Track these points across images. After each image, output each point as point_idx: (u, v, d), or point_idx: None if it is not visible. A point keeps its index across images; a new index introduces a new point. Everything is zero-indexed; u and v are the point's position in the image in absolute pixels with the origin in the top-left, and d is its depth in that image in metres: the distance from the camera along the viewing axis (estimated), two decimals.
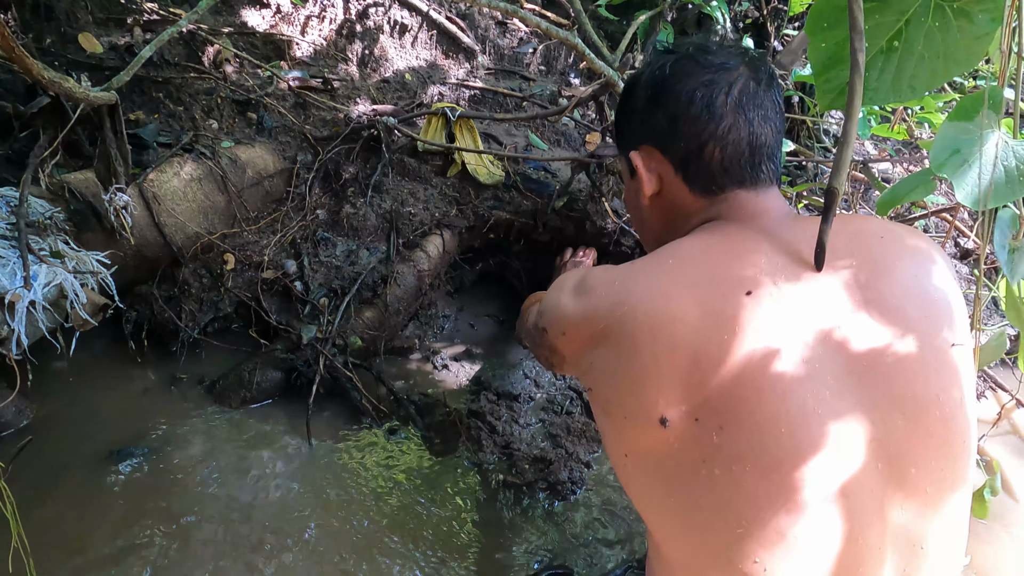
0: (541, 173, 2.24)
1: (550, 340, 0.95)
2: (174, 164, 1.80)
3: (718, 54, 0.92)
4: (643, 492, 0.86)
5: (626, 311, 0.81)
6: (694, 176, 0.93)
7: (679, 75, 0.92)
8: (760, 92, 0.90)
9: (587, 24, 2.15)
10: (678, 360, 0.76)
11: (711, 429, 0.75)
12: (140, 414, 1.65)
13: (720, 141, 0.90)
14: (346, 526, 1.43)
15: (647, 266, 0.86)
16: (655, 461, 0.80)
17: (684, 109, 0.91)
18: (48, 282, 1.41)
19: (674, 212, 0.97)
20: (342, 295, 1.86)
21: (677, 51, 0.95)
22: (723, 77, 0.90)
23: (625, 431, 0.83)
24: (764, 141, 0.91)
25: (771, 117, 0.91)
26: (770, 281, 0.79)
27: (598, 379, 0.85)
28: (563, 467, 1.61)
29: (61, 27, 2.01)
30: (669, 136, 0.93)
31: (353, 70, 2.43)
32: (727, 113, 0.89)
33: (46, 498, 1.39)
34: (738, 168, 0.90)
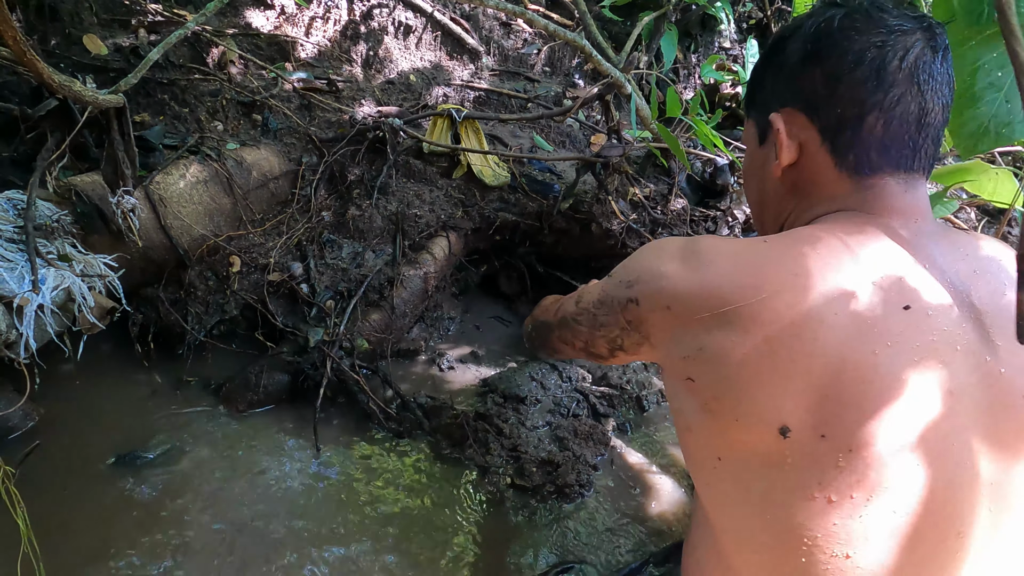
0: (546, 174, 2.23)
1: (639, 314, 0.81)
2: (180, 166, 1.80)
3: (894, 13, 0.80)
4: (728, 500, 0.77)
5: (764, 297, 0.70)
6: (845, 149, 0.81)
7: (848, 30, 0.80)
8: (936, 63, 0.79)
9: (592, 25, 2.15)
10: (818, 365, 0.67)
11: (838, 451, 0.66)
12: (147, 417, 1.64)
13: (886, 112, 0.78)
14: (353, 529, 1.43)
15: (785, 248, 0.74)
16: (758, 472, 0.72)
17: (849, 70, 0.79)
18: (56, 286, 1.40)
19: (809, 190, 0.86)
20: (348, 297, 1.86)
21: (847, 4, 0.83)
22: (899, 40, 0.78)
23: (729, 433, 0.73)
24: (933, 119, 0.79)
25: (944, 93, 0.80)
26: (927, 297, 0.71)
27: (707, 369, 0.73)
28: (571, 470, 1.61)
29: (66, 28, 2.00)
30: (824, 99, 0.81)
31: (357, 71, 2.43)
32: (899, 81, 0.78)
33: (53, 502, 1.39)
34: (899, 147, 0.79)
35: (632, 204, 2.21)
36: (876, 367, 0.67)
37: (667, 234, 2.18)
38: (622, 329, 0.86)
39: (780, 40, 0.89)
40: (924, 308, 0.70)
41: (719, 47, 3.11)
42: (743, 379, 0.71)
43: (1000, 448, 0.70)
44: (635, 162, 2.30)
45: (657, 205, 2.23)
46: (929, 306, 0.70)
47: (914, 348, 0.68)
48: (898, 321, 0.69)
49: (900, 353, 0.67)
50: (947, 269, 0.74)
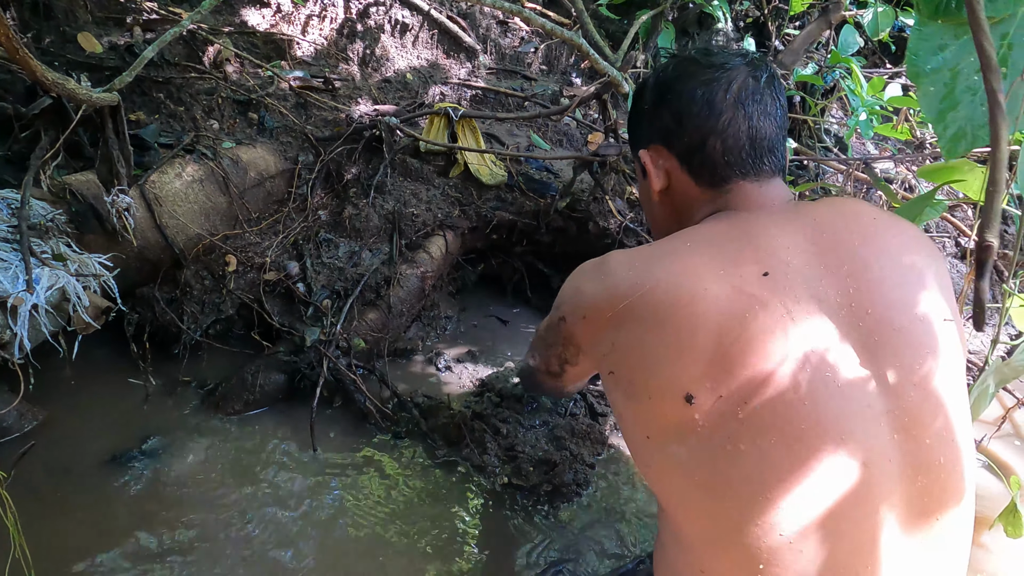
0: (543, 173, 2.23)
1: (568, 328, 0.97)
2: (175, 165, 1.79)
3: (719, 55, 0.98)
4: (664, 472, 0.87)
5: (648, 289, 0.83)
6: (699, 169, 0.98)
7: (682, 75, 0.98)
8: (760, 88, 0.95)
9: (589, 24, 2.14)
10: (701, 337, 0.79)
11: (736, 404, 0.77)
12: (142, 418, 1.63)
13: (721, 134, 0.95)
14: (350, 530, 1.43)
15: (666, 247, 0.90)
16: (678, 439, 0.82)
17: (687, 106, 0.96)
18: (51, 285, 1.39)
19: (683, 205, 1.02)
20: (345, 297, 1.85)
21: (680, 55, 1.02)
22: (723, 75, 0.95)
23: (648, 411, 0.84)
24: (765, 134, 0.95)
25: (771, 112, 0.96)
26: (783, 262, 0.83)
27: (620, 360, 0.87)
28: (567, 469, 1.60)
29: (60, 26, 1.99)
30: (675, 133, 0.98)
31: (354, 70, 2.42)
32: (726, 108, 0.94)
33: (47, 503, 1.38)
34: (740, 160, 0.95)
35: (629, 203, 2.21)
36: (749, 327, 0.78)
37: None
38: (563, 345, 1.02)
39: (639, 91, 1.08)
40: (782, 272, 0.82)
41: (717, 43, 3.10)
42: (647, 360, 0.83)
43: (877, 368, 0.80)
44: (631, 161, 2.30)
45: None
46: (786, 269, 0.83)
47: (780, 304, 0.80)
48: (761, 286, 0.81)
49: (769, 312, 0.79)
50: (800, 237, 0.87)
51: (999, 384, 1.23)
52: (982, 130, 0.88)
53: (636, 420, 0.88)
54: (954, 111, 0.91)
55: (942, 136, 0.92)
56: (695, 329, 0.79)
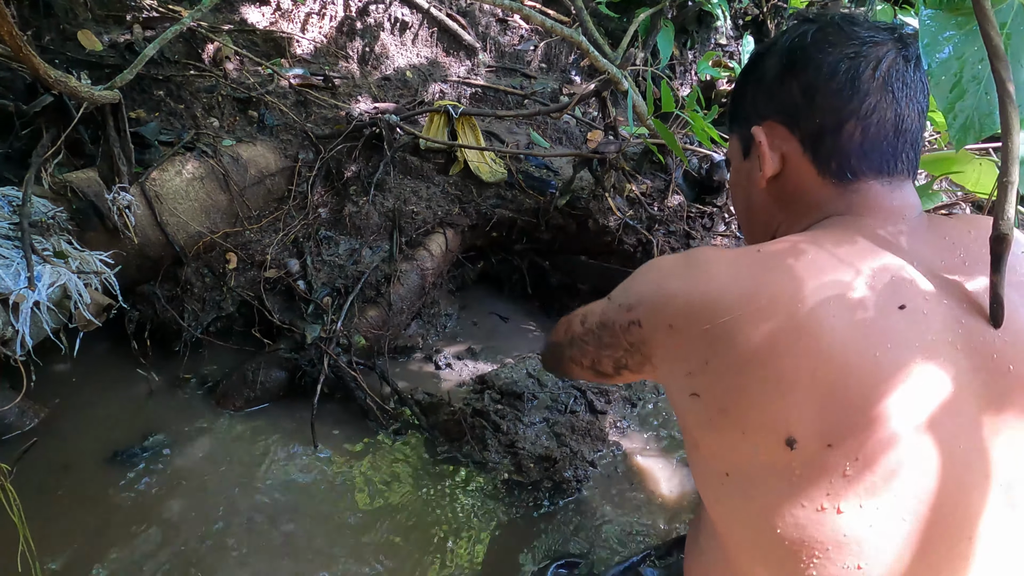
0: (543, 171, 2.24)
1: (642, 335, 0.82)
2: (176, 163, 1.79)
3: (866, 26, 0.84)
4: (736, 516, 0.76)
5: (764, 305, 0.69)
6: (827, 157, 0.83)
7: (821, 44, 0.83)
8: (909, 71, 0.82)
9: (588, 21, 2.14)
10: (822, 373, 0.66)
11: (845, 459, 0.65)
12: (143, 415, 1.64)
13: (863, 120, 0.81)
14: (351, 526, 1.43)
15: (780, 254, 0.74)
16: (764, 486, 0.70)
17: (825, 81, 0.82)
18: (52, 282, 1.40)
19: (795, 199, 0.87)
20: (345, 294, 1.86)
21: (819, 20, 0.85)
22: (871, 51, 0.81)
23: (736, 447, 0.72)
24: (910, 125, 0.82)
25: (919, 99, 0.83)
26: (921, 295, 0.71)
27: (712, 384, 0.73)
28: (568, 465, 1.61)
29: (60, 24, 1.99)
30: (803, 110, 0.84)
31: (354, 67, 2.42)
32: (873, 90, 0.80)
33: (50, 500, 1.38)
34: (879, 152, 0.81)
35: (629, 200, 2.21)
36: (879, 370, 0.66)
37: (663, 230, 2.18)
38: (625, 351, 0.86)
39: (758, 57, 0.91)
40: (919, 307, 0.69)
41: (715, 43, 3.11)
42: (747, 390, 0.70)
43: (1010, 445, 0.69)
44: (632, 158, 2.30)
45: (654, 201, 2.23)
46: (924, 305, 0.70)
47: (915, 348, 0.67)
48: (896, 322, 0.68)
49: (901, 354, 0.67)
50: (936, 264, 0.74)
51: None
52: (988, 118, 0.87)
53: (717, 454, 0.75)
54: (961, 100, 0.89)
55: (951, 126, 0.91)
56: (815, 361, 0.66)
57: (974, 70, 0.89)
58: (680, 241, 2.17)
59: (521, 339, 2.18)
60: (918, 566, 0.66)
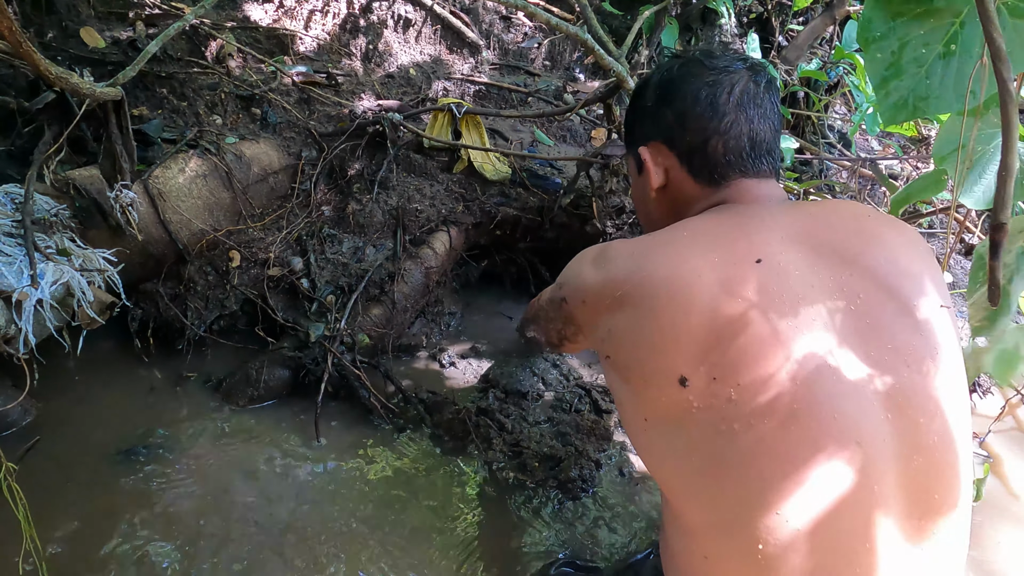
0: (547, 169, 2.23)
1: (569, 309, 1.02)
2: (179, 160, 1.79)
3: (721, 58, 1.01)
4: (663, 457, 0.89)
5: (644, 276, 0.87)
6: (699, 167, 1.00)
7: (686, 76, 1.01)
8: (760, 93, 0.99)
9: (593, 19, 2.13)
10: (695, 320, 0.81)
11: (729, 386, 0.79)
12: (147, 413, 1.63)
13: (723, 135, 0.98)
14: (355, 526, 1.42)
15: (663, 237, 0.93)
16: (675, 423, 0.84)
17: (691, 106, 0.99)
18: (55, 280, 1.39)
19: (680, 202, 1.05)
20: (349, 292, 1.85)
21: (684, 56, 1.04)
22: (726, 78, 0.98)
23: (645, 394, 0.87)
24: (763, 137, 0.99)
25: (769, 116, 0.99)
26: (777, 252, 0.85)
27: (617, 345, 0.90)
28: (573, 465, 1.60)
29: (63, 21, 1.99)
30: (676, 131, 1.01)
31: (357, 65, 2.41)
32: (729, 110, 0.97)
33: (54, 497, 1.38)
34: (740, 160, 0.98)
35: None
36: (743, 312, 0.80)
37: None
38: (563, 322, 1.06)
39: (640, 89, 1.10)
40: (775, 258, 0.84)
41: (719, 41, 3.10)
42: (644, 346, 0.85)
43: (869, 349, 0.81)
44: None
45: None
46: (780, 256, 0.85)
47: (773, 289, 0.81)
48: (754, 271, 0.83)
49: (762, 296, 0.81)
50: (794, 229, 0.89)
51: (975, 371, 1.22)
52: (923, 102, 0.92)
53: (633, 403, 0.90)
54: (898, 79, 0.95)
55: (882, 103, 0.98)
56: (689, 313, 0.81)
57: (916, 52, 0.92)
58: None
59: None
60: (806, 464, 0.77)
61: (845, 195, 2.64)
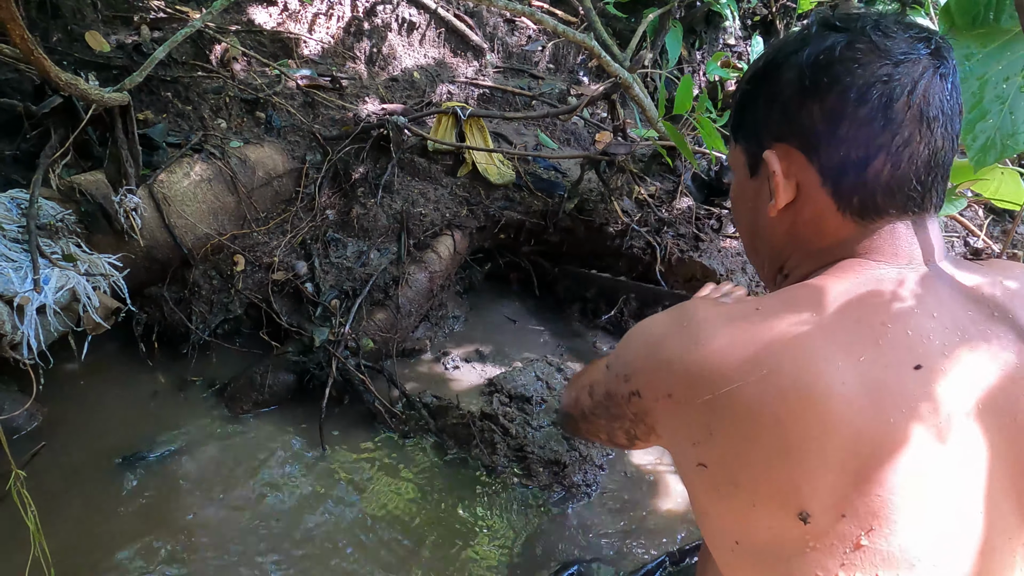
0: (552, 173, 2.22)
1: (643, 405, 0.76)
2: (184, 165, 1.79)
3: (899, 38, 0.71)
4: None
5: (766, 375, 0.65)
6: (849, 193, 0.73)
7: (849, 62, 0.71)
8: (946, 91, 0.72)
9: (597, 23, 2.13)
10: (833, 443, 0.62)
11: (860, 529, 0.63)
12: (151, 417, 1.63)
13: (893, 155, 0.71)
14: (359, 530, 1.42)
15: (785, 313, 0.69)
16: (775, 557, 0.67)
17: (853, 108, 0.71)
18: (61, 286, 1.39)
19: (807, 233, 0.79)
20: (353, 296, 1.85)
21: (849, 28, 0.74)
22: (906, 71, 0.70)
23: (748, 519, 0.68)
24: (943, 159, 0.73)
25: (955, 124, 0.73)
26: (940, 352, 0.66)
27: (719, 455, 0.69)
28: (577, 470, 1.60)
29: (68, 25, 1.99)
30: (825, 138, 0.74)
31: (361, 68, 2.41)
32: (908, 120, 0.70)
33: (58, 502, 1.38)
34: (908, 190, 0.72)
35: (637, 203, 2.20)
36: (893, 437, 0.63)
37: (672, 233, 2.17)
38: (631, 421, 0.81)
39: (773, 66, 0.79)
40: (937, 367, 0.65)
41: (724, 44, 3.09)
42: (756, 461, 0.66)
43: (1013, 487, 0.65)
44: (640, 160, 2.29)
45: (662, 204, 2.22)
46: (943, 363, 0.65)
47: (935, 411, 0.63)
48: (909, 383, 0.64)
49: (920, 420, 0.63)
50: (960, 316, 0.69)
51: None
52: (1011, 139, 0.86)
53: (727, 525, 0.72)
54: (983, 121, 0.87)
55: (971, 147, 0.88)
56: (826, 433, 0.62)
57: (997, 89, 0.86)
58: (689, 243, 2.16)
59: (529, 341, 2.17)
60: None
61: None
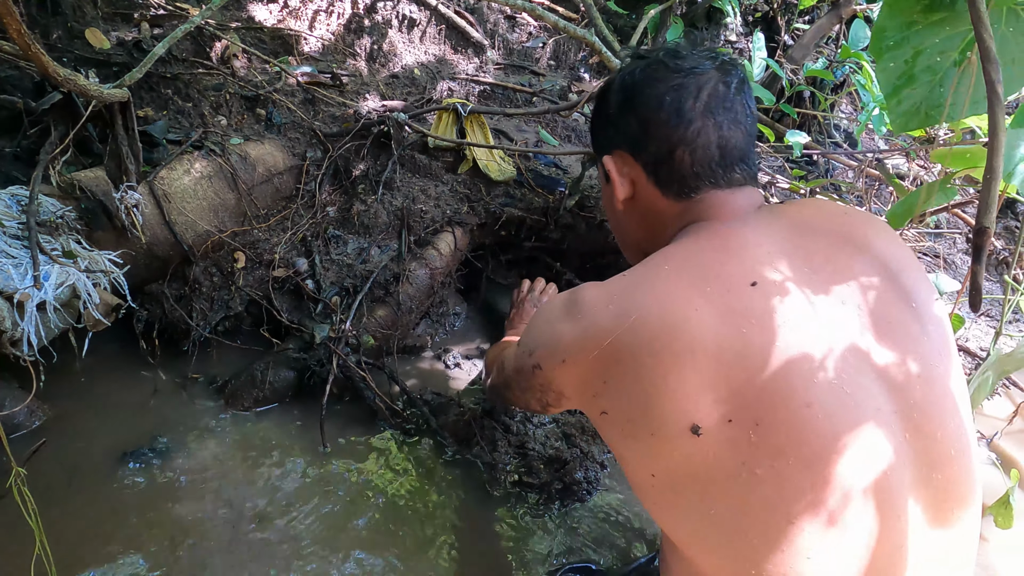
0: (552, 169, 2.22)
1: (545, 375, 0.90)
2: (184, 161, 1.78)
3: (688, 58, 0.93)
4: (674, 510, 0.82)
5: (635, 320, 0.78)
6: (666, 180, 0.93)
7: (649, 80, 0.93)
8: (730, 95, 0.91)
9: (598, 19, 2.13)
10: (701, 361, 0.74)
11: (747, 427, 0.73)
12: (152, 415, 1.63)
13: (689, 145, 0.90)
14: (359, 528, 1.42)
15: (643, 274, 0.84)
16: (688, 475, 0.77)
17: (654, 113, 0.92)
18: (61, 282, 1.39)
19: (650, 216, 0.98)
20: (354, 293, 1.84)
21: (649, 56, 0.96)
22: (692, 81, 0.91)
23: (652, 448, 0.78)
24: (735, 144, 0.91)
25: (741, 120, 0.92)
26: (769, 271, 0.80)
27: (614, 400, 0.81)
28: (578, 467, 1.60)
29: (68, 22, 1.98)
30: (640, 140, 0.94)
31: (362, 65, 2.41)
32: (696, 117, 0.90)
33: (59, 499, 1.38)
34: (709, 171, 0.91)
35: None
36: (749, 342, 0.74)
37: None
38: (540, 390, 0.94)
39: (603, 93, 1.02)
40: (769, 281, 0.78)
41: (725, 40, 3.09)
42: (644, 395, 0.77)
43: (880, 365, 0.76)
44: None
45: None
46: (775, 276, 0.79)
47: (775, 314, 0.76)
48: (750, 297, 0.77)
49: (766, 324, 0.75)
50: (783, 244, 0.84)
51: (999, 375, 1.22)
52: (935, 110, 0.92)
53: (639, 460, 0.82)
54: (910, 88, 0.94)
55: (894, 111, 0.96)
56: (694, 354, 0.74)
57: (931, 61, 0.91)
58: None
59: None
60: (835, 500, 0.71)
61: (851, 195, 2.62)
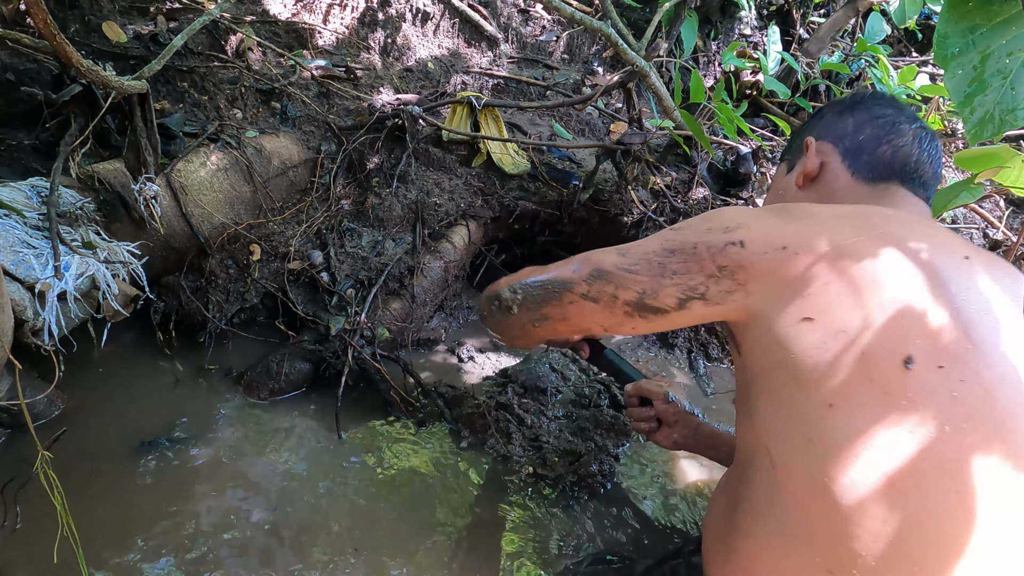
0: (566, 163, 2.22)
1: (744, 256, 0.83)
2: (200, 154, 1.79)
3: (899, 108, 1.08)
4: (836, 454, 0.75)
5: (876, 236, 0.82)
6: (862, 164, 1.03)
7: (874, 102, 1.09)
8: (931, 140, 1.04)
9: (613, 12, 2.12)
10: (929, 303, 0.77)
11: (952, 382, 0.72)
12: (169, 405, 1.64)
13: (894, 146, 1.02)
14: (376, 518, 1.43)
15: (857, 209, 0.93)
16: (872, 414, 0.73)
17: (871, 120, 1.05)
18: (81, 273, 1.40)
19: (826, 196, 1.05)
20: (369, 286, 1.85)
21: (873, 93, 1.13)
22: (905, 115, 1.06)
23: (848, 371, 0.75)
24: (927, 170, 1.02)
25: (935, 160, 1.04)
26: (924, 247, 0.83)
27: (833, 304, 0.77)
28: (593, 460, 1.60)
29: (85, 15, 2.00)
30: (850, 134, 1.06)
31: (376, 59, 2.41)
32: (909, 136, 1.02)
33: (79, 487, 1.39)
34: (903, 169, 1.00)
35: (653, 193, 2.19)
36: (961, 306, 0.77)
37: None
38: (708, 276, 0.83)
39: (831, 104, 1.15)
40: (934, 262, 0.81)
41: (739, 34, 3.07)
42: (868, 312, 0.75)
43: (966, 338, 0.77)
44: (656, 150, 2.28)
45: (678, 194, 2.21)
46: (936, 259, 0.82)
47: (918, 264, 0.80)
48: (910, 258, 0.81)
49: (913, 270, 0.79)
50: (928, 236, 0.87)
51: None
52: (1011, 115, 0.88)
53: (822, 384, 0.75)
54: (982, 95, 0.91)
55: (968, 120, 0.93)
56: (922, 294, 0.77)
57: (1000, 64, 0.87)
58: None
59: None
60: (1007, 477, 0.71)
61: None
